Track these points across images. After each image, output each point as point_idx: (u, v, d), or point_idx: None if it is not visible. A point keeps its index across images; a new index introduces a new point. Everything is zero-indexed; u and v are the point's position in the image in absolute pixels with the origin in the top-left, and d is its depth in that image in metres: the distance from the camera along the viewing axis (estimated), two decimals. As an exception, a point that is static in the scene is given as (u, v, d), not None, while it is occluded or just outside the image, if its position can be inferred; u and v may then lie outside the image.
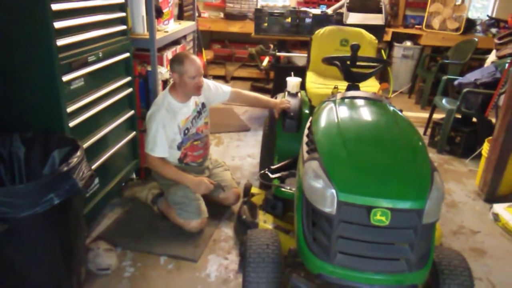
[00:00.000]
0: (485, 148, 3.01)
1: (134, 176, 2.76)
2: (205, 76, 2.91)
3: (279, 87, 3.30)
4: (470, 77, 3.60)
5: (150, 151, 2.28)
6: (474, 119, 3.64)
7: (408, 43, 5.34)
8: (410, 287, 1.36)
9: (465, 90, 3.48)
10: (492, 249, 2.37)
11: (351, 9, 4.24)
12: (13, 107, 1.84)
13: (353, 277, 1.34)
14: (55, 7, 1.69)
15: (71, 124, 1.87)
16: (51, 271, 1.60)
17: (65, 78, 1.79)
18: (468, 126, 3.61)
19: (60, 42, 1.74)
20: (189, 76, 2.23)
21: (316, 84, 2.80)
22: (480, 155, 3.16)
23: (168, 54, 2.90)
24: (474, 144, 3.50)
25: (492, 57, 4.16)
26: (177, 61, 2.24)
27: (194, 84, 2.26)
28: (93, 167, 2.02)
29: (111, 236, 2.25)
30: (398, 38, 5.39)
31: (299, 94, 2.73)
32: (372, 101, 1.84)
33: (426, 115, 4.14)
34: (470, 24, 5.26)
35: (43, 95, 1.79)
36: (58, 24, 1.71)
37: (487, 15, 5.51)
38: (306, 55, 3.16)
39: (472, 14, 5.66)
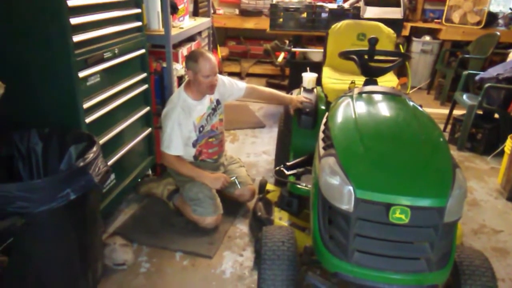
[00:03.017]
0: (508, 145, 2.92)
1: (150, 172, 2.77)
2: (220, 72, 2.90)
3: (295, 83, 3.27)
4: (492, 72, 3.49)
5: (166, 149, 2.29)
6: (496, 115, 3.54)
7: (427, 38, 5.21)
8: (430, 287, 1.32)
9: (487, 85, 3.38)
10: (515, 249, 2.30)
11: (368, 3, 4.18)
12: (30, 104, 1.85)
13: (371, 276, 1.31)
14: (71, 3, 1.69)
15: (88, 120, 1.88)
16: (67, 265, 1.61)
17: (81, 74, 1.80)
18: (489, 123, 3.51)
19: (76, 38, 1.75)
20: (202, 75, 2.21)
21: (332, 79, 2.76)
22: (502, 152, 3.06)
23: (183, 51, 2.90)
24: (496, 141, 3.40)
25: (515, 51, 4.04)
26: (192, 59, 2.23)
27: (207, 82, 2.24)
28: (109, 163, 2.03)
29: (127, 231, 2.27)
30: (417, 32, 5.28)
31: (315, 90, 2.69)
32: (390, 95, 1.79)
33: (445, 111, 4.05)
34: (492, 18, 5.10)
35: (59, 91, 1.80)
36: (74, 20, 1.72)
37: (510, 8, 5.33)
38: (322, 50, 3.12)
39: (494, 8, 5.49)
